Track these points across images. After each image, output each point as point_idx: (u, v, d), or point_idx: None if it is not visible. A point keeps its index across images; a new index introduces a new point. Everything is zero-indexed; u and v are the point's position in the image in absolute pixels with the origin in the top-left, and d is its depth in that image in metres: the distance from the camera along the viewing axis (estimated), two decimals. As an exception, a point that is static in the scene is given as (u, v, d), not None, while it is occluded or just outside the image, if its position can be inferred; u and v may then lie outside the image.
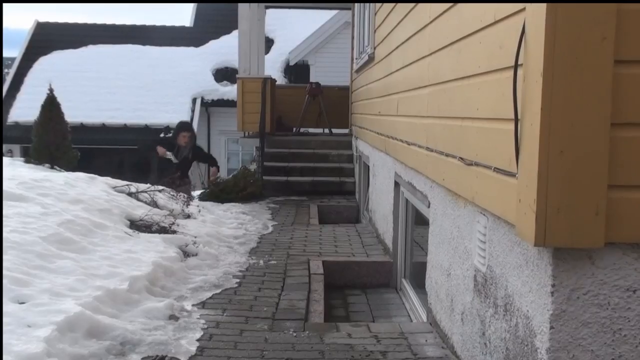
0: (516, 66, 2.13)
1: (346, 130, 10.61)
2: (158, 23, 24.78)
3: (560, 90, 1.89)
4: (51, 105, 8.14)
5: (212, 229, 5.87)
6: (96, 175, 6.63)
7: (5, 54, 34.30)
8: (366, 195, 7.57)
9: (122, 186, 6.47)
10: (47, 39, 20.62)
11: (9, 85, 19.28)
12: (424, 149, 3.81)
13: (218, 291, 4.23)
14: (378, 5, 6.28)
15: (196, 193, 8.18)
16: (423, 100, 3.88)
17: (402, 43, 4.68)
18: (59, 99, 8.25)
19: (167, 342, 3.18)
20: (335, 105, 11.37)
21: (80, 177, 6.23)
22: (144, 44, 20.93)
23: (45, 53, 19.97)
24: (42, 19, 22.40)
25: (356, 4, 9.19)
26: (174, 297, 3.92)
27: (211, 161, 10.32)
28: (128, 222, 5.30)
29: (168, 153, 9.11)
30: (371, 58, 6.79)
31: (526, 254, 2.19)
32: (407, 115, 4.49)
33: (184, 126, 9.74)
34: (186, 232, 5.46)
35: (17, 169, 6.65)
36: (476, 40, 2.72)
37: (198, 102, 19.38)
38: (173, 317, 3.55)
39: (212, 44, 21.05)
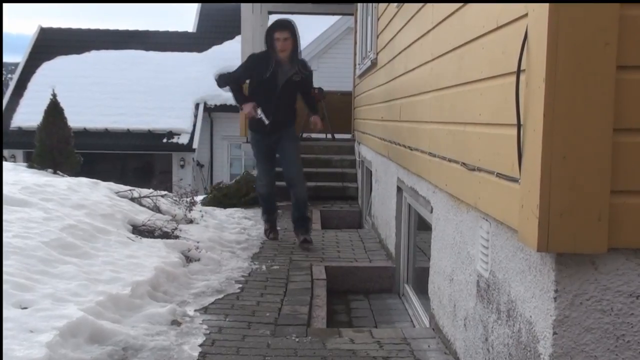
0: (519, 72, 2.13)
1: (349, 136, 10.61)
2: (161, 28, 24.88)
3: (563, 96, 1.89)
4: (54, 110, 8.17)
5: (214, 234, 5.87)
6: (99, 180, 6.65)
7: (8, 60, 34.41)
8: (369, 201, 7.56)
9: (125, 191, 6.49)
10: (50, 45, 20.72)
11: (12, 91, 19.37)
12: (427, 154, 3.81)
13: (220, 296, 4.23)
14: (381, 10, 6.29)
15: (199, 198, 8.18)
16: (426, 105, 3.88)
17: (405, 48, 4.68)
18: (62, 104, 8.28)
19: (169, 348, 3.18)
20: (337, 110, 11.37)
21: (83, 182, 6.24)
22: (147, 49, 21.01)
23: (48, 58, 20.07)
24: (45, 24, 22.53)
25: (359, 11, 9.20)
26: (176, 303, 3.92)
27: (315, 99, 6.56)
28: (131, 227, 5.30)
29: (259, 112, 5.72)
30: (374, 63, 6.80)
31: (529, 260, 2.19)
32: (410, 121, 4.49)
33: (278, 24, 5.74)
34: (189, 237, 5.46)
35: (19, 174, 6.66)
36: (479, 46, 2.72)
37: (201, 107, 19.44)
38: (175, 323, 3.55)
39: (215, 49, 21.12)
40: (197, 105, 19.28)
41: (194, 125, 18.72)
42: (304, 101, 6.20)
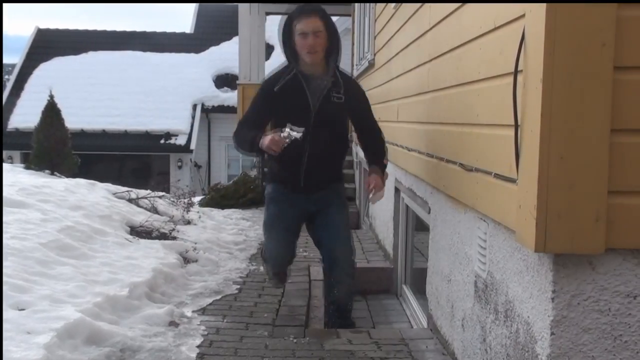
0: (516, 72, 2.13)
1: (346, 136, 10.61)
2: (159, 29, 24.83)
3: (560, 96, 1.89)
4: (51, 112, 8.17)
5: (212, 235, 5.86)
6: (96, 182, 6.64)
7: (5, 61, 34.38)
8: (366, 202, 7.56)
9: (123, 192, 6.48)
10: (47, 45, 20.70)
11: (9, 92, 19.34)
12: (425, 155, 3.81)
13: (218, 297, 4.22)
14: (378, 11, 6.30)
15: (196, 199, 8.17)
16: (423, 106, 3.89)
17: (402, 49, 4.68)
18: (60, 105, 8.28)
19: (167, 349, 3.17)
20: (335, 111, 11.34)
21: (80, 183, 6.24)
22: (144, 50, 20.99)
23: (45, 59, 20.05)
24: (43, 25, 22.53)
25: (356, 12, 9.21)
26: (174, 304, 3.91)
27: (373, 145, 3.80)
28: (128, 229, 5.30)
29: (286, 132, 3.34)
30: (371, 64, 6.80)
31: (526, 260, 2.19)
32: (407, 122, 4.49)
33: (302, 10, 3.59)
34: (186, 238, 5.46)
35: (17, 175, 6.66)
36: (476, 47, 2.72)
37: (198, 108, 19.43)
38: (173, 324, 3.54)
39: (213, 50, 21.11)
40: (194, 106, 19.28)
41: (192, 126, 18.72)
42: (359, 139, 3.83)
